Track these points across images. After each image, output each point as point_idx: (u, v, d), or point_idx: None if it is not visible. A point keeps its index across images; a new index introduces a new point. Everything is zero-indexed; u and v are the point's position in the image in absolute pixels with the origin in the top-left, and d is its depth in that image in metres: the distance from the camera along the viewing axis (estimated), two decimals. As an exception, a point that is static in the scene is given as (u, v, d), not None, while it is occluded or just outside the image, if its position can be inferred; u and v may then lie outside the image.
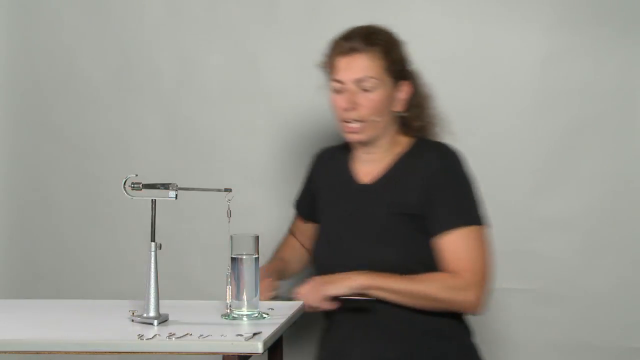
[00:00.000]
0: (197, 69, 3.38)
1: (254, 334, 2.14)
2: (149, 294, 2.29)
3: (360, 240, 2.49)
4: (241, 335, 2.13)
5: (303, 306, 2.44)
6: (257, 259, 2.33)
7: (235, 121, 3.37)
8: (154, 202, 2.33)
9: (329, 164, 2.67)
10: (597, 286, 3.17)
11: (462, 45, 3.23)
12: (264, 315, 2.33)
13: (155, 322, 2.26)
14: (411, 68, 2.55)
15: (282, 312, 2.39)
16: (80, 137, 3.44)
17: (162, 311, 2.30)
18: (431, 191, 2.43)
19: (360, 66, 2.46)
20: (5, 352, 2.14)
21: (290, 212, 3.36)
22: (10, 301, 2.77)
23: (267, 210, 3.35)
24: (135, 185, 2.30)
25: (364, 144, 2.52)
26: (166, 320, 2.30)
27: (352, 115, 2.47)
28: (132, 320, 2.31)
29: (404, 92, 2.51)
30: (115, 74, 3.42)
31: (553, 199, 3.17)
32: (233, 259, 2.32)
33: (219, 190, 2.31)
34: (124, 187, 2.31)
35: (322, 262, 2.57)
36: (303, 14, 3.32)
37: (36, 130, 3.47)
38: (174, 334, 2.15)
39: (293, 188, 3.34)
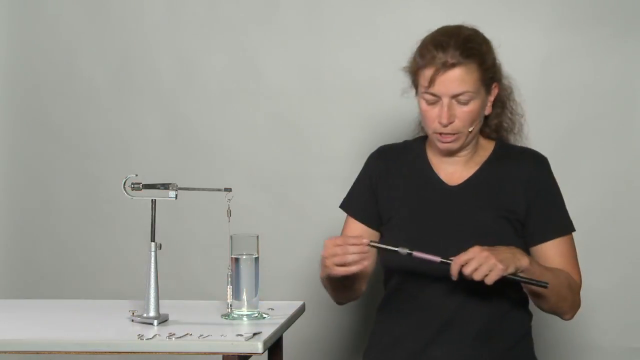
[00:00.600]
0: (197, 69, 3.38)
1: (254, 334, 2.14)
2: (149, 294, 2.29)
3: (459, 242, 2.27)
4: (241, 335, 2.13)
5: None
6: (257, 259, 2.33)
7: (235, 121, 3.37)
8: (154, 202, 2.33)
9: (396, 163, 2.51)
10: (597, 286, 3.17)
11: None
12: (264, 315, 2.34)
13: (155, 322, 2.26)
14: (499, 68, 2.45)
15: (282, 312, 2.39)
16: (80, 137, 3.44)
17: (162, 311, 2.31)
18: (533, 199, 2.38)
19: (457, 82, 2.32)
20: (5, 352, 2.14)
21: (290, 212, 3.37)
22: (11, 301, 2.77)
23: (267, 210, 3.34)
24: (135, 185, 2.30)
25: (455, 150, 2.42)
26: (166, 320, 2.30)
27: (449, 128, 2.35)
28: (132, 320, 2.31)
29: (493, 95, 2.43)
30: (115, 74, 3.42)
31: (553, 199, 3.17)
32: (233, 259, 2.32)
33: (219, 190, 2.31)
34: (124, 187, 2.31)
35: (407, 265, 2.35)
36: (303, 14, 3.32)
37: (36, 130, 3.46)
38: (174, 334, 2.15)
39: (293, 188, 3.34)
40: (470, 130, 2.37)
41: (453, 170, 2.44)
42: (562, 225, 2.40)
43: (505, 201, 2.38)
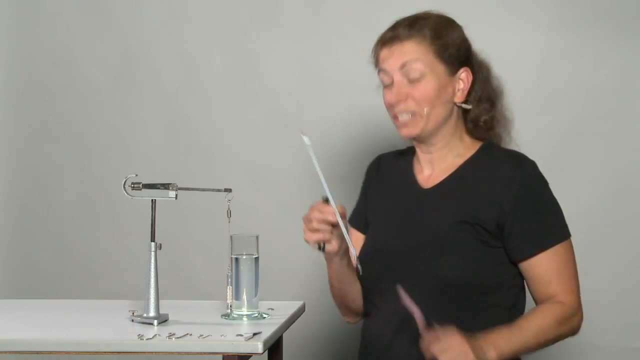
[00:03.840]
0: (197, 69, 3.38)
1: (254, 334, 2.14)
2: (149, 294, 2.29)
3: (414, 250, 2.22)
4: (241, 335, 2.13)
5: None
6: (257, 259, 2.33)
7: (235, 121, 3.37)
8: (154, 202, 2.33)
9: (388, 169, 2.43)
10: (597, 286, 3.17)
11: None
12: (264, 315, 2.33)
13: (155, 322, 2.26)
14: (474, 55, 2.31)
15: (282, 312, 2.39)
16: (80, 137, 3.44)
17: (162, 311, 2.31)
18: (514, 210, 2.18)
19: (402, 51, 2.22)
20: (5, 352, 2.14)
21: (290, 212, 3.37)
22: (10, 301, 2.77)
23: (267, 210, 3.34)
24: (135, 185, 2.30)
25: (420, 139, 2.28)
26: (166, 320, 2.30)
27: (401, 107, 2.24)
28: (132, 320, 2.31)
29: (463, 81, 2.27)
30: (115, 74, 3.42)
31: (553, 199, 3.17)
32: (233, 259, 2.32)
33: (219, 190, 2.31)
34: (124, 187, 2.31)
35: (369, 273, 2.27)
36: (303, 14, 3.32)
37: (36, 130, 3.47)
38: (174, 334, 2.15)
39: (293, 188, 3.34)
40: (426, 111, 2.22)
41: (431, 173, 2.32)
42: (546, 237, 2.20)
43: (473, 205, 2.21)
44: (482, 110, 2.30)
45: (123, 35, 3.41)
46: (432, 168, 2.31)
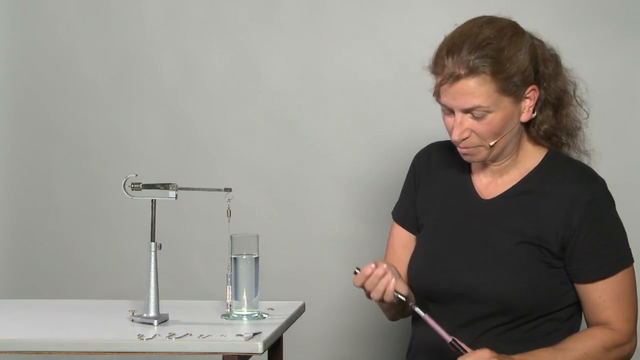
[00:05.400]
0: (197, 69, 3.38)
1: (254, 334, 2.14)
2: (149, 294, 2.29)
3: (474, 269, 2.14)
4: (241, 335, 2.13)
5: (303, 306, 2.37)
6: (257, 259, 2.33)
7: (235, 121, 3.37)
8: (154, 202, 2.33)
9: (440, 165, 2.28)
10: (597, 286, 3.17)
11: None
12: (264, 315, 2.33)
13: (155, 322, 2.26)
14: (540, 58, 2.17)
15: (282, 312, 2.39)
16: (80, 137, 3.44)
17: (162, 311, 2.31)
18: (579, 232, 2.09)
19: (466, 95, 2.06)
20: (5, 352, 2.14)
21: (290, 212, 3.37)
22: (10, 301, 2.77)
23: (267, 210, 3.34)
24: (135, 185, 2.30)
25: (485, 161, 2.17)
26: (166, 320, 2.30)
27: (465, 142, 2.11)
28: (132, 320, 2.31)
29: (530, 98, 2.13)
30: (115, 74, 3.42)
31: (553, 199, 3.17)
32: (233, 259, 2.32)
33: (219, 190, 2.31)
34: (124, 187, 2.31)
35: (420, 282, 2.20)
36: (303, 14, 3.31)
37: (36, 130, 3.46)
38: (174, 334, 2.15)
39: (293, 188, 3.34)
40: (491, 144, 2.10)
41: (490, 181, 2.20)
42: (610, 264, 2.10)
43: (538, 225, 2.11)
44: (545, 117, 2.18)
45: (123, 35, 3.41)
46: (493, 176, 2.20)
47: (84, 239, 3.45)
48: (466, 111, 2.08)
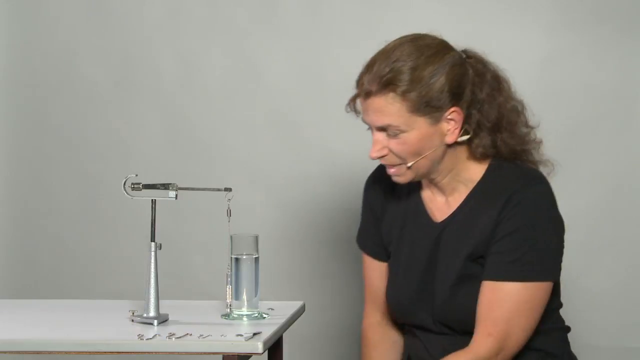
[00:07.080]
0: (197, 69, 3.38)
1: (254, 334, 2.14)
2: (149, 294, 2.29)
3: (437, 291, 2.13)
4: (241, 335, 2.13)
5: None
6: (257, 259, 2.33)
7: (235, 121, 3.37)
8: (154, 202, 2.33)
9: (390, 191, 2.25)
10: (596, 286, 3.17)
11: (462, 45, 3.22)
12: (264, 315, 2.33)
13: (155, 322, 2.26)
14: (468, 88, 2.09)
15: (282, 312, 2.39)
16: (80, 137, 3.44)
17: (162, 311, 2.31)
18: (501, 225, 2.04)
19: (375, 109, 2.06)
20: (5, 352, 2.14)
21: (290, 212, 3.37)
22: (10, 301, 2.77)
23: (267, 210, 3.35)
24: (135, 185, 2.30)
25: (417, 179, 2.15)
26: (166, 320, 2.30)
27: (384, 161, 2.11)
28: (132, 320, 2.31)
29: (454, 120, 2.06)
30: (116, 74, 3.42)
31: (553, 199, 3.17)
32: (233, 259, 2.32)
33: (219, 190, 2.31)
34: (124, 187, 2.31)
35: (399, 316, 2.26)
36: (303, 14, 3.32)
37: (36, 130, 3.47)
38: (174, 334, 2.15)
39: (293, 188, 3.34)
40: (410, 164, 2.07)
41: (440, 203, 2.17)
42: (523, 270, 2.02)
43: (480, 239, 2.08)
44: (480, 140, 2.10)
45: (123, 35, 3.41)
46: (444, 194, 2.17)
47: (84, 239, 3.46)
48: (380, 129, 2.08)
